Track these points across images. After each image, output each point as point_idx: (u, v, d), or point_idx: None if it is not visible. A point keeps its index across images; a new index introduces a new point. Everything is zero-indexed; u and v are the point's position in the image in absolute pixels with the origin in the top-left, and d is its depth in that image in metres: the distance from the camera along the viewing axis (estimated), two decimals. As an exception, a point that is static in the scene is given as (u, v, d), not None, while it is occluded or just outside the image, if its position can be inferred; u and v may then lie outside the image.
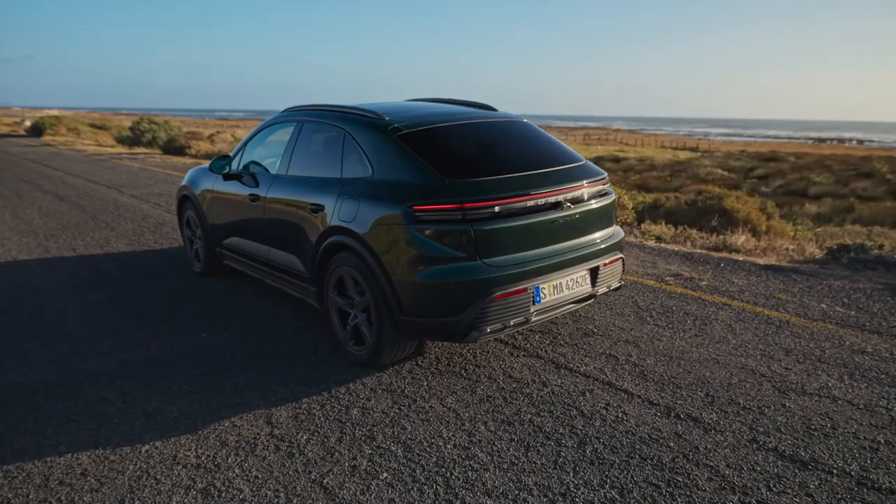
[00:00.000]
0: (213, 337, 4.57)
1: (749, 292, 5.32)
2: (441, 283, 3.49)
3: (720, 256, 6.66)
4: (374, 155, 3.92)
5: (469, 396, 3.59)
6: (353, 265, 3.87)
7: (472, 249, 3.49)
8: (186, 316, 5.02)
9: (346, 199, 3.92)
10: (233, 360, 4.14)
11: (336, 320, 4.18)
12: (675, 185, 24.56)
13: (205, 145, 20.91)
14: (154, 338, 4.56)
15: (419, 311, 3.60)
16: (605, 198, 4.12)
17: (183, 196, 6.18)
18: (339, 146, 4.19)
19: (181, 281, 5.99)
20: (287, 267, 4.64)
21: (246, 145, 5.33)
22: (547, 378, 3.78)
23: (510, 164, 3.86)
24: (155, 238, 7.86)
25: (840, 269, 6.17)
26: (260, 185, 4.90)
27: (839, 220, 16.85)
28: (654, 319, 4.69)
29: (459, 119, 4.20)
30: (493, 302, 3.50)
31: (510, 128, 4.32)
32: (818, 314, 4.78)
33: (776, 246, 7.59)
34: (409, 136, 3.90)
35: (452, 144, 3.99)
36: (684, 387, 3.63)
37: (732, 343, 4.24)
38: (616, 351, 4.14)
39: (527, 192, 3.62)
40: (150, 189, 12.09)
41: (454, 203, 3.47)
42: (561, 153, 4.16)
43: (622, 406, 3.43)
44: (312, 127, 4.56)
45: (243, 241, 5.21)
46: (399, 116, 4.14)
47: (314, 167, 4.42)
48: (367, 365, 3.96)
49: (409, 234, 3.51)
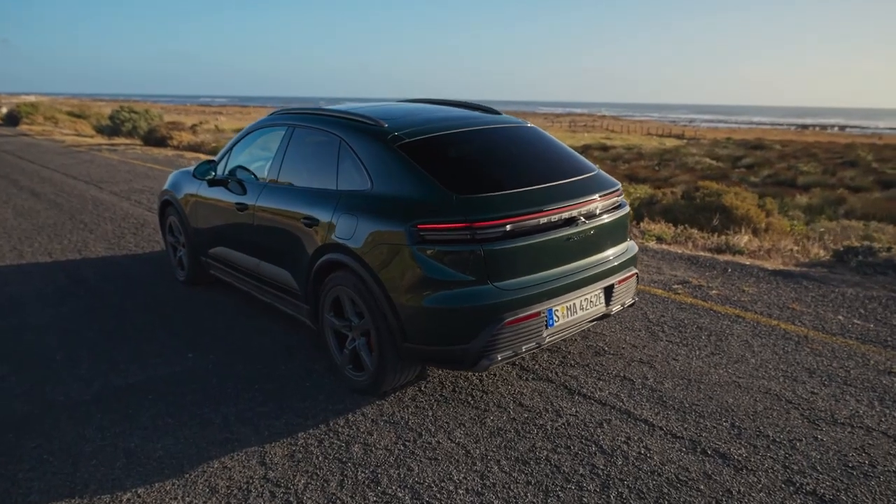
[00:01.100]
0: (200, 358, 4.27)
1: (761, 302, 5.10)
2: (449, 310, 3.22)
3: (726, 260, 6.44)
4: (373, 166, 3.63)
5: (479, 429, 3.33)
6: (350, 286, 3.58)
7: (481, 272, 3.22)
8: (170, 332, 4.71)
9: (343, 213, 3.63)
10: (221, 387, 3.85)
11: (332, 343, 3.90)
12: (665, 176, 24.40)
13: (187, 136, 20.37)
14: (136, 359, 4.25)
15: (424, 339, 3.33)
16: (620, 210, 3.86)
17: (165, 201, 5.83)
18: (334, 155, 3.89)
19: (164, 290, 5.67)
20: (278, 282, 4.34)
21: (232, 149, 5.00)
22: (560, 406, 3.53)
23: (520, 176, 3.58)
24: (136, 241, 7.50)
25: (850, 274, 5.98)
26: (248, 193, 4.59)
27: (831, 211, 16.77)
28: (667, 335, 4.46)
29: (463, 126, 3.91)
30: (504, 328, 3.24)
31: (518, 135, 4.04)
32: (836, 328, 4.57)
33: (780, 247, 7.40)
34: (412, 146, 3.61)
35: (458, 155, 3.70)
36: (707, 416, 3.40)
37: (752, 363, 4.02)
38: (631, 373, 3.91)
39: (539, 209, 3.35)
40: (130, 185, 11.66)
41: (462, 222, 3.19)
42: (573, 163, 3.89)
43: (644, 440, 3.19)
44: (305, 132, 4.24)
45: (230, 252, 4.90)
46: (399, 123, 3.84)
47: (307, 176, 4.11)
48: (366, 392, 3.69)
49: (414, 256, 3.23)
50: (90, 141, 22.25)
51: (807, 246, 7.56)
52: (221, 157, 5.08)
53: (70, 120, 31.35)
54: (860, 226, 10.97)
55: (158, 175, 12.94)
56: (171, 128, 21.23)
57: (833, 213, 16.69)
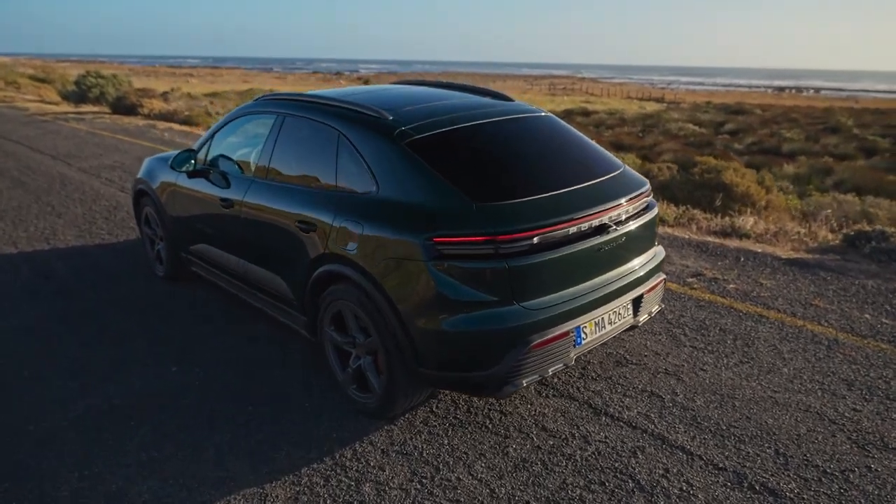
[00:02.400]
0: (185, 372, 3.88)
1: (782, 298, 4.84)
2: (470, 334, 2.87)
3: (736, 247, 6.17)
4: (378, 166, 3.22)
5: (501, 461, 3.02)
6: (354, 301, 3.21)
7: (506, 291, 2.87)
8: (152, 339, 4.31)
9: (345, 219, 3.23)
10: (211, 408, 3.49)
11: (334, 359, 3.54)
12: (649, 143, 24.09)
13: (158, 104, 19.46)
14: (115, 374, 3.86)
15: (442, 365, 2.99)
16: (649, 212, 3.51)
17: (139, 190, 5.35)
18: (333, 151, 3.47)
19: (142, 288, 5.23)
20: (269, 288, 3.95)
21: (213, 137, 4.53)
22: (587, 431, 3.24)
23: (546, 178, 3.21)
24: (109, 227, 6.99)
25: (865, 263, 5.75)
26: (233, 187, 4.15)
27: (818, 181, 16.66)
28: (690, 340, 4.17)
29: (476, 118, 3.50)
30: (531, 352, 2.90)
31: (536, 127, 3.64)
32: (865, 328, 4.33)
33: (787, 230, 7.15)
34: (422, 144, 3.21)
35: (474, 153, 3.30)
36: (748, 440, 3.13)
37: (785, 373, 3.75)
38: (657, 387, 3.62)
39: (570, 217, 2.99)
40: (100, 160, 11.01)
41: (486, 235, 2.82)
42: (599, 160, 3.52)
43: (683, 472, 2.91)
44: (297, 123, 3.79)
45: (214, 251, 4.47)
46: (404, 115, 3.42)
47: (301, 173, 3.69)
48: (373, 416, 3.36)
49: (430, 273, 2.86)
50: (55, 109, 21.20)
51: (813, 227, 7.33)
52: (201, 144, 4.61)
53: (34, 85, 29.94)
54: (856, 201, 10.78)
55: (129, 148, 12.27)
56: (141, 95, 20.28)
57: (821, 184, 16.57)
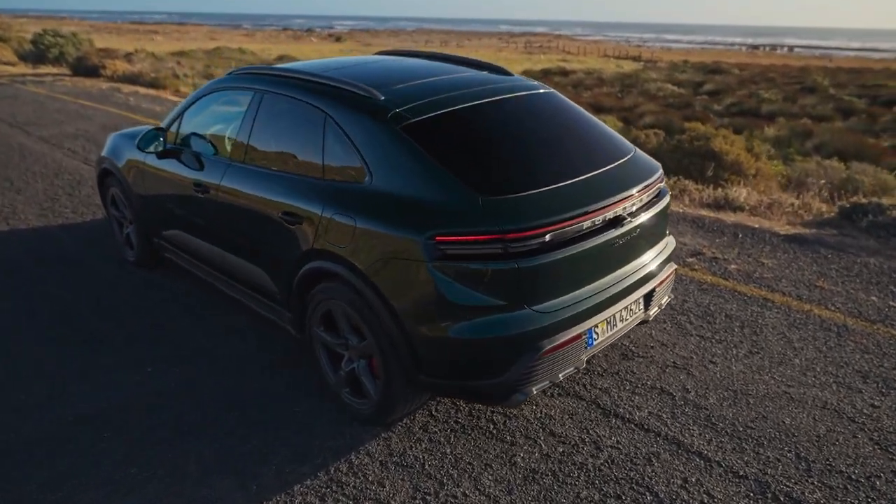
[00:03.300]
0: (162, 373, 3.60)
1: (786, 279, 4.68)
2: (477, 342, 2.63)
3: (733, 222, 5.99)
4: (371, 154, 2.92)
5: (509, 472, 2.82)
6: (347, 302, 2.94)
7: (516, 294, 2.62)
8: (124, 336, 4.00)
9: (335, 212, 2.94)
10: (192, 417, 3.22)
11: (324, 361, 3.29)
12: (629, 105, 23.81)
13: (122, 65, 18.55)
14: (84, 378, 3.56)
15: (446, 373, 2.75)
16: (662, 200, 3.27)
17: (104, 170, 4.95)
18: (318, 134, 3.14)
19: (112, 275, 4.88)
20: (251, 281, 3.65)
21: (184, 114, 4.15)
22: (598, 435, 3.05)
23: (555, 166, 2.94)
24: (73, 204, 6.56)
25: (863, 238, 5.62)
26: (207, 170, 3.81)
27: (798, 144, 16.62)
28: (696, 328, 4.00)
29: (476, 96, 3.18)
30: (542, 358, 2.68)
31: (541, 106, 3.35)
32: (873, 312, 4.19)
33: (780, 201, 7.00)
34: (419, 128, 2.90)
35: (476, 138, 3.00)
36: (767, 443, 2.97)
37: (797, 365, 3.60)
38: (667, 382, 3.44)
39: (584, 210, 2.73)
40: (61, 128, 10.41)
41: (494, 233, 2.56)
42: (610, 143, 3.26)
43: (703, 482, 2.75)
44: (277, 101, 3.45)
45: (189, 238, 4.14)
46: (397, 94, 3.11)
47: (284, 158, 3.36)
48: (369, 422, 3.13)
49: (432, 276, 2.60)
50: (12, 70, 20.13)
51: (806, 198, 7.19)
52: (171, 122, 4.23)
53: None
54: (841, 167, 10.70)
55: (93, 115, 11.64)
56: (103, 55, 19.32)
57: (801, 147, 16.55)
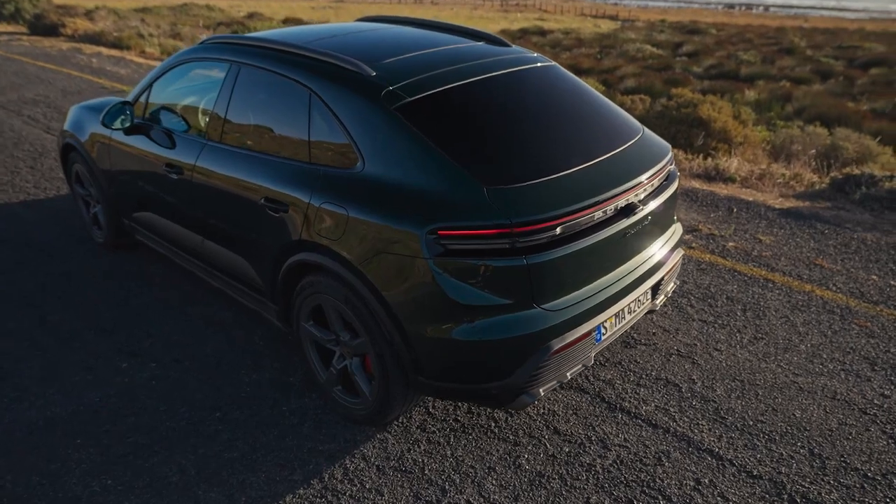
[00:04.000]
0: (138, 369, 3.37)
1: (785, 258, 4.56)
2: (483, 344, 2.44)
3: (727, 195, 5.85)
4: (362, 137, 2.66)
5: (514, 476, 2.67)
6: (339, 297, 2.72)
7: (525, 292, 2.43)
8: (95, 329, 3.74)
9: (324, 200, 2.69)
10: (172, 420, 3.01)
11: (313, 356, 3.08)
12: (609, 66, 23.48)
13: (83, 23, 17.61)
14: (54, 376, 3.31)
15: (449, 376, 2.57)
16: (672, 183, 3.08)
17: (66, 145, 4.59)
18: (303, 113, 2.87)
19: (79, 259, 4.58)
20: (232, 271, 3.41)
21: (152, 86, 3.82)
22: (604, 432, 2.91)
23: (563, 150, 2.71)
24: (35, 178, 6.17)
25: (858, 211, 5.53)
26: (180, 148, 3.51)
27: (779, 108, 16.58)
28: (698, 312, 3.86)
29: (475, 71, 2.92)
30: (551, 357, 2.50)
31: (545, 82, 3.10)
32: (875, 293, 4.10)
33: (772, 171, 6.87)
34: (415, 109, 2.65)
35: (478, 119, 2.76)
36: (778, 439, 2.86)
37: (803, 351, 3.49)
38: (672, 373, 3.31)
39: (597, 199, 2.53)
40: (19, 92, 9.82)
41: (500, 227, 2.34)
42: (618, 122, 3.04)
43: (716, 483, 2.63)
44: (256, 75, 3.15)
45: (163, 222, 3.85)
46: (388, 69, 2.84)
47: (265, 139, 3.08)
48: (363, 423, 2.94)
49: (434, 273, 2.39)
50: (-36, 28, 19.04)
51: (796, 168, 7.08)
52: (137, 95, 3.90)
53: (-64, -2, 26.79)
54: (824, 133, 10.63)
55: (53, 78, 11.02)
56: (62, 13, 18.34)
57: (781, 111, 16.51)
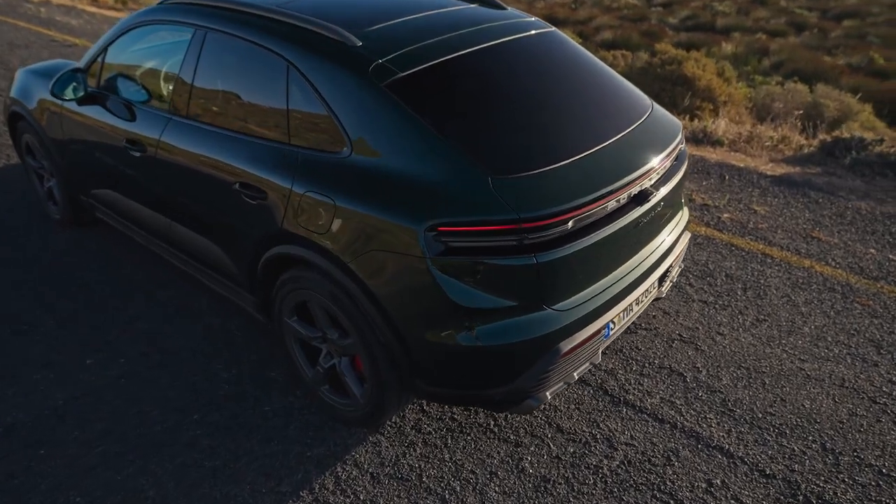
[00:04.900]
0: (104, 366, 3.10)
1: (781, 230, 4.43)
2: (488, 349, 2.23)
3: (717, 161, 5.68)
4: (349, 118, 2.37)
5: (517, 481, 2.52)
6: (326, 295, 2.48)
7: (533, 293, 2.22)
8: (55, 319, 3.44)
9: (307, 188, 2.42)
10: (144, 426, 2.77)
11: (297, 353, 2.85)
12: (584, 17, 22.95)
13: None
14: (11, 377, 3.03)
15: (449, 382, 2.37)
16: (682, 164, 2.86)
17: (13, 113, 4.17)
18: (281, 88, 2.56)
19: (36, 237, 4.22)
20: (204, 258, 3.13)
21: (106, 51, 3.43)
22: (610, 430, 2.76)
23: (574, 132, 2.47)
24: (-19, 145, 5.69)
25: (850, 178, 5.41)
26: (141, 122, 3.17)
27: (756, 62, 16.44)
28: (698, 292, 3.71)
29: (472, 40, 2.61)
30: (559, 360, 2.32)
31: (546, 51, 2.81)
32: (874, 268, 3.99)
33: (759, 134, 6.71)
34: (409, 86, 2.36)
35: (480, 97, 2.48)
36: (789, 433, 2.75)
37: (807, 334, 3.38)
38: (675, 360, 3.16)
39: (611, 187, 2.30)
40: (-39, 46, 9.09)
41: (508, 222, 2.11)
42: (627, 97, 2.79)
43: (729, 484, 2.51)
44: (225, 42, 2.80)
45: (125, 201, 3.53)
46: (375, 38, 2.53)
47: (237, 115, 2.76)
48: (352, 424, 2.75)
49: (433, 274, 2.16)
50: None
51: (783, 130, 6.93)
52: (90, 60, 3.51)
53: None
54: (805, 90, 10.51)
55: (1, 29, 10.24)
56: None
57: (759, 65, 16.39)
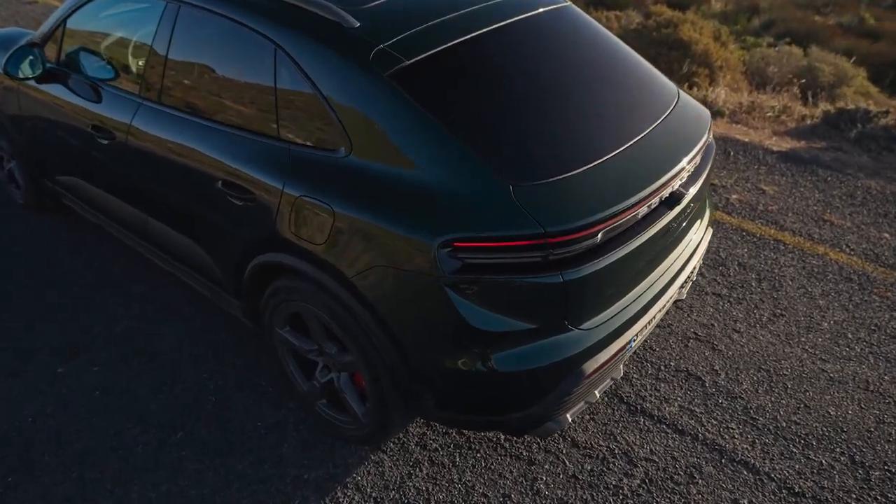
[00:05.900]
0: (76, 375, 2.84)
1: (792, 213, 4.24)
2: (508, 375, 2.01)
3: (720, 134, 5.45)
4: (348, 114, 2.09)
5: (533, 506, 2.35)
6: (323, 309, 2.23)
7: (558, 312, 1.99)
8: (24, 317, 3.15)
9: (301, 192, 2.14)
10: (124, 447, 2.53)
11: (292, 367, 2.61)
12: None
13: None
14: (-29, 388, 2.77)
15: (462, 408, 2.16)
16: (709, 157, 2.61)
17: (-36, 87, 3.78)
18: (268, 75, 2.25)
19: (1, 226, 3.89)
20: (185, 257, 2.85)
21: (65, 24, 3.06)
22: (628, 444, 2.59)
23: (598, 130, 2.21)
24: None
25: (857, 153, 5.23)
26: (108, 104, 2.85)
27: (746, 21, 16.14)
28: (711, 284, 3.53)
29: (483, 19, 2.31)
30: (583, 381, 2.11)
31: (561, 31, 2.51)
32: (890, 254, 3.83)
33: (760, 103, 6.50)
34: (416, 76, 2.07)
35: (497, 89, 2.19)
36: (815, 444, 2.60)
37: (826, 330, 3.22)
38: (692, 363, 2.99)
39: (639, 193, 2.05)
40: None
41: (532, 237, 1.87)
42: (652, 84, 2.55)
43: (757, 505, 2.36)
44: (201, 19, 2.47)
45: (94, 190, 3.20)
46: (375, 17, 2.22)
47: (217, 103, 2.45)
48: (352, 442, 2.54)
49: (448, 294, 1.92)
50: None
51: (791, 104, 6.70)
52: (48, 34, 3.13)
53: None
54: (800, 53, 10.27)
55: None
56: None
57: (748, 23, 16.12)
